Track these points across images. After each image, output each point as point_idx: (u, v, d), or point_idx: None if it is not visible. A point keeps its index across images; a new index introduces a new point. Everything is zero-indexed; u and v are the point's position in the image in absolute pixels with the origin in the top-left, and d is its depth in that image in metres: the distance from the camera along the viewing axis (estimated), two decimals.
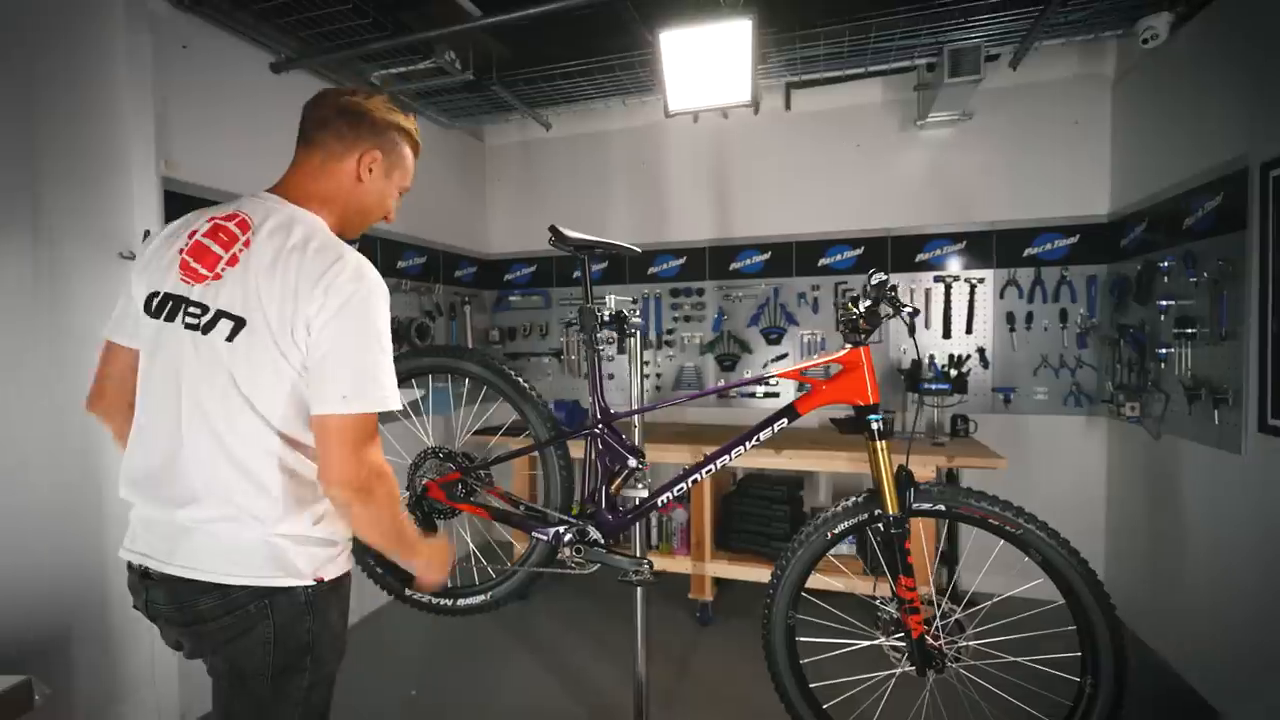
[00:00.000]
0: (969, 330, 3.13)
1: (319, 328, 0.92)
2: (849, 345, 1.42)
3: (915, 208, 3.21)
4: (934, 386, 2.85)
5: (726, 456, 1.46)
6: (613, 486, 1.54)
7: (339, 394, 0.92)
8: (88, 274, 1.97)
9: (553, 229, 1.55)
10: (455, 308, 3.62)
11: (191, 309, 0.96)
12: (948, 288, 3.15)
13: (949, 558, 2.88)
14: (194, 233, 1.00)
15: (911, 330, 1.41)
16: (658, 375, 3.65)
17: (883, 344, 3.24)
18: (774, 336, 3.42)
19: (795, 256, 3.40)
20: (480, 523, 1.67)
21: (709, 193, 3.57)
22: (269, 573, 0.94)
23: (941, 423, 3.02)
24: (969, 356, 3.10)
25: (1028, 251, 3.06)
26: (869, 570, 2.60)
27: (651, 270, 3.67)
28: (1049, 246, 3.03)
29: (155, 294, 0.99)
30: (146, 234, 2.08)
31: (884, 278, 1.35)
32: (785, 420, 1.44)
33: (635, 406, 1.70)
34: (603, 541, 1.52)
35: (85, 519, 1.93)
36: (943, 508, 1.35)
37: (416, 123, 1.21)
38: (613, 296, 1.76)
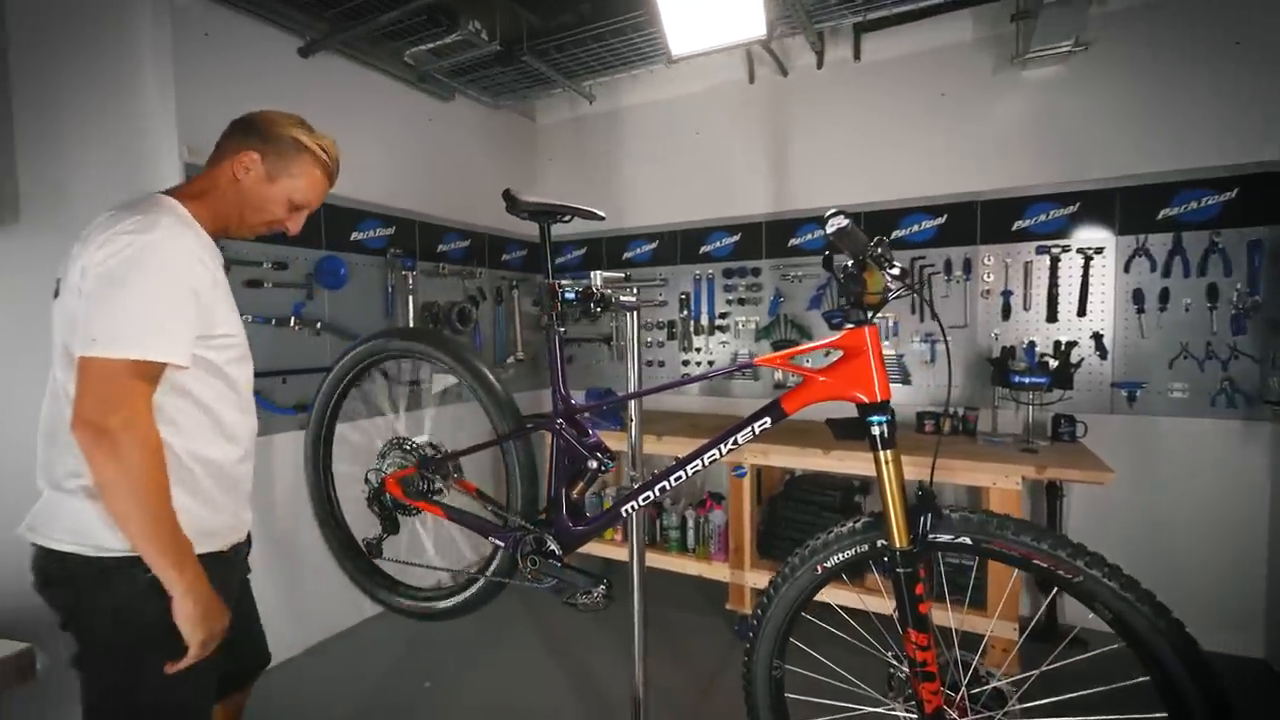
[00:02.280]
0: (1082, 312, 2.56)
1: (91, 277, 0.93)
2: (850, 325, 1.10)
3: (1012, 165, 2.67)
4: (1026, 380, 2.35)
5: (698, 462, 1.20)
6: (574, 490, 1.33)
7: (90, 337, 0.92)
8: None
9: (506, 193, 1.36)
10: (502, 292, 3.55)
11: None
12: (1054, 261, 2.60)
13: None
14: None
15: (931, 311, 1.06)
16: (710, 363, 3.37)
17: (969, 328, 2.75)
18: (837, 320, 2.99)
19: (865, 229, 2.96)
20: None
21: (766, 162, 3.21)
22: None
23: (1042, 424, 2.52)
24: (1079, 344, 2.54)
25: (1164, 213, 2.44)
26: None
27: (704, 249, 3.38)
28: (1193, 205, 2.40)
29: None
30: None
31: (842, 223, 0.98)
32: (768, 420, 1.15)
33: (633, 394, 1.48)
34: (558, 553, 1.32)
35: None
36: (968, 541, 1.01)
37: (334, 148, 1.22)
38: (598, 273, 1.54)
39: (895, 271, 0.98)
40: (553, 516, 1.35)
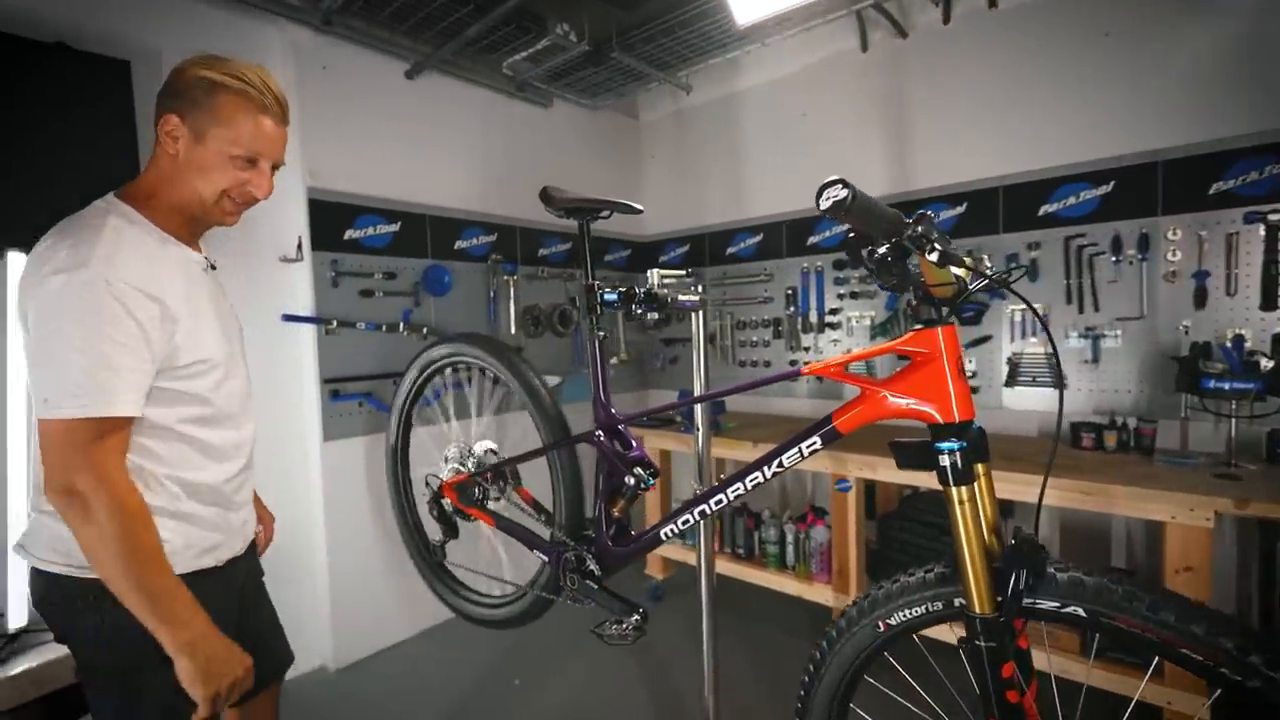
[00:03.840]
0: None
1: (31, 325, 0.85)
2: (920, 325, 0.88)
3: (1208, 113, 2.11)
4: (1226, 385, 1.83)
5: (739, 485, 1.04)
6: (615, 507, 1.23)
7: (41, 397, 0.84)
8: (258, 274, 2.33)
9: (542, 192, 1.29)
10: None
11: None
12: (1273, 230, 2.01)
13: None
14: None
15: (1035, 315, 0.81)
16: None
17: (1148, 319, 2.23)
18: (969, 314, 2.60)
19: (1003, 206, 2.54)
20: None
21: (883, 138, 2.87)
22: None
23: (1252, 442, 1.96)
24: None
25: None
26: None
27: (812, 239, 3.11)
28: None
29: None
30: (300, 241, 2.38)
31: (839, 195, 0.68)
32: (818, 442, 0.96)
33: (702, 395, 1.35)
34: (597, 573, 1.23)
35: (273, 475, 2.30)
36: (1081, 613, 0.75)
37: (257, 72, 1.00)
38: (655, 272, 1.42)
39: (934, 256, 0.74)
40: (595, 534, 1.26)
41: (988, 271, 0.79)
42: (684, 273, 1.47)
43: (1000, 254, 2.53)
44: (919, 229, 0.73)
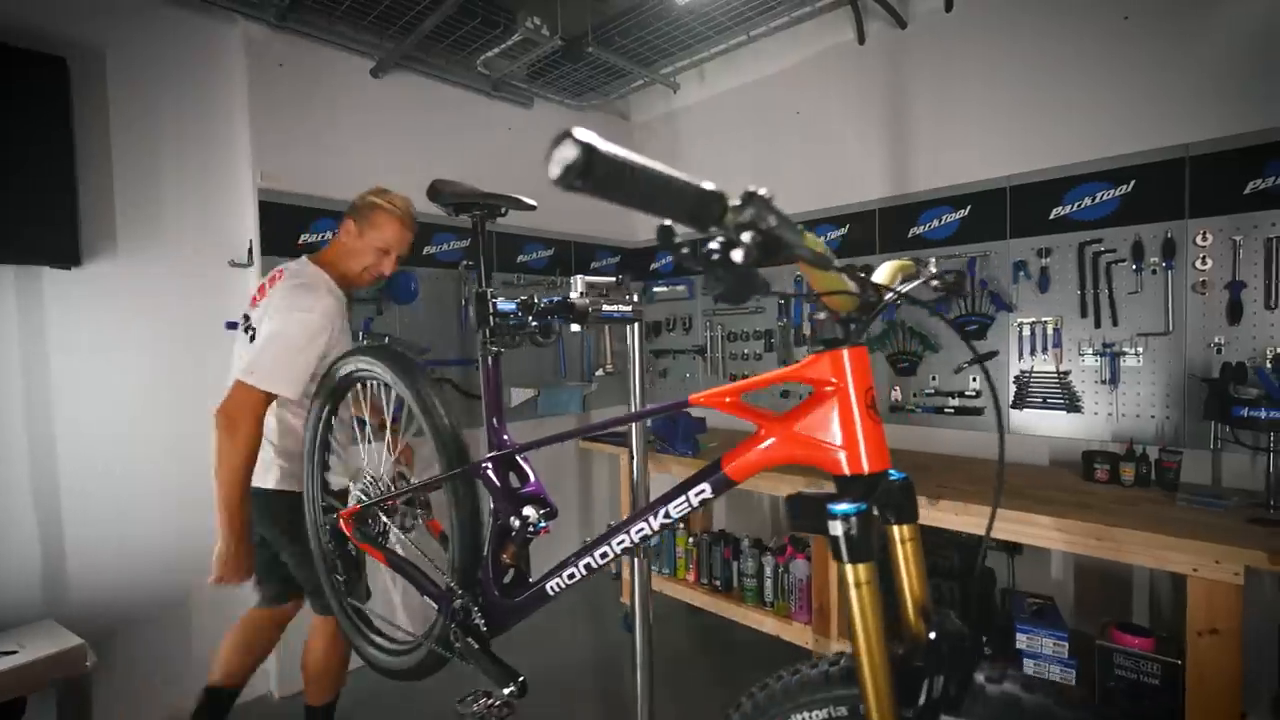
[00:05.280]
0: None
1: (265, 330, 1.51)
2: (820, 345, 0.68)
3: (1241, 103, 1.85)
4: (1262, 414, 1.57)
5: (624, 537, 0.86)
6: (506, 552, 1.06)
7: (248, 369, 1.45)
8: (207, 279, 2.23)
9: (430, 186, 1.13)
10: None
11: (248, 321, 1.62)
12: None
13: None
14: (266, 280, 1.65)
15: (968, 346, 0.62)
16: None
17: (1174, 334, 1.97)
18: (973, 327, 2.36)
19: (1010, 208, 2.29)
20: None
21: (881, 138, 2.65)
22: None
23: None
24: None
25: None
26: None
27: None
28: None
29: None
30: (250, 245, 2.28)
31: (570, 157, 0.45)
32: (707, 489, 0.77)
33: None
34: (483, 629, 1.05)
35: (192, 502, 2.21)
36: None
37: (404, 201, 1.71)
38: (580, 278, 1.25)
39: (738, 255, 0.47)
40: (483, 584, 1.08)
41: (896, 286, 0.59)
42: (613, 279, 1.30)
43: (1006, 262, 2.29)
44: (746, 214, 0.50)
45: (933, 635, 0.61)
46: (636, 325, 1.38)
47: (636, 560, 1.41)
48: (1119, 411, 2.07)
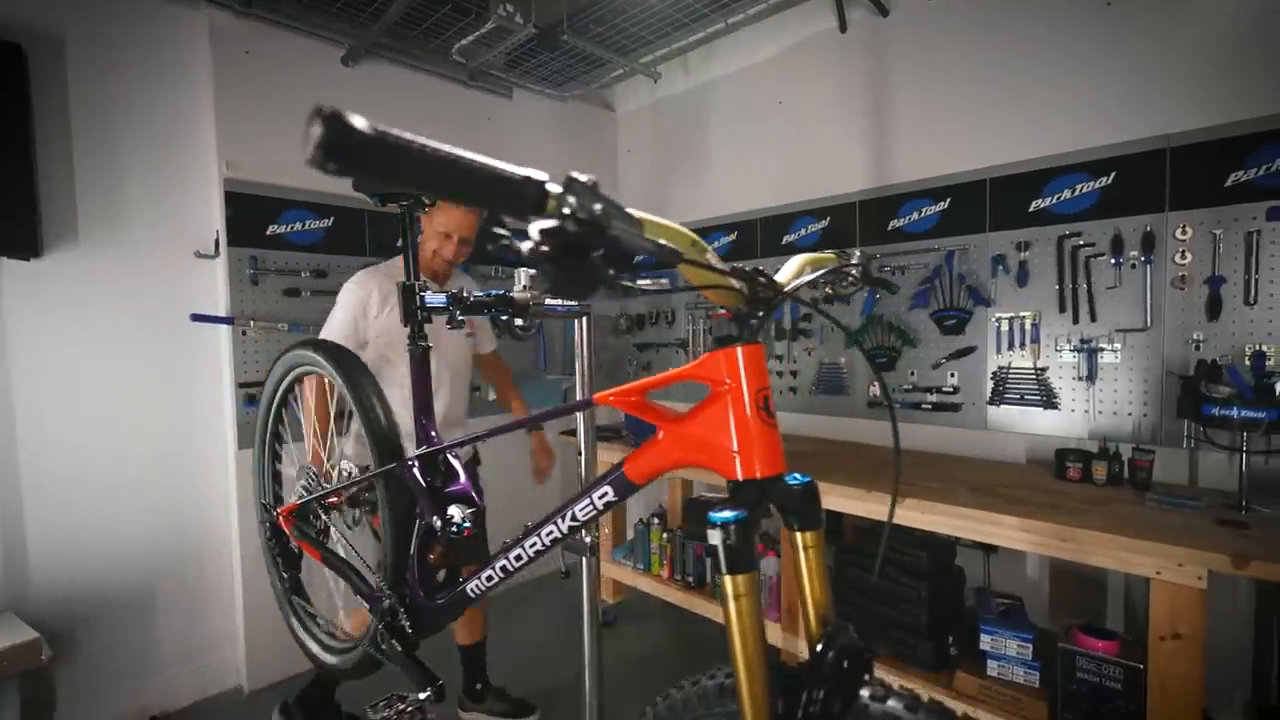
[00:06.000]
0: None
1: None
2: (715, 343, 0.65)
3: (1223, 92, 1.80)
4: (1233, 413, 1.53)
5: (536, 541, 0.83)
6: (433, 552, 1.03)
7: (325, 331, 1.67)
8: (172, 270, 2.20)
9: None
10: None
11: None
12: None
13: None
14: None
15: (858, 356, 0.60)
16: (793, 374, 2.83)
17: (1152, 330, 1.92)
18: (952, 322, 2.32)
19: (990, 200, 2.24)
20: None
21: (863, 128, 2.60)
22: None
23: (1272, 481, 1.65)
24: None
25: None
26: None
27: (788, 238, 2.85)
28: None
29: None
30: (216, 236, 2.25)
31: (316, 133, 0.34)
32: (609, 492, 0.74)
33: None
34: (408, 631, 1.03)
35: (183, 484, 2.20)
36: None
37: None
38: (523, 272, 1.21)
39: (529, 248, 0.40)
40: (410, 586, 1.06)
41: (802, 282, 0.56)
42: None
43: (984, 256, 2.24)
44: (570, 202, 0.44)
45: (819, 648, 0.58)
46: (585, 320, 1.35)
47: (585, 560, 1.38)
48: (1096, 409, 2.03)
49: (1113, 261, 1.98)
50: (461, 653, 2.03)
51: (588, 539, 1.37)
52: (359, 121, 0.35)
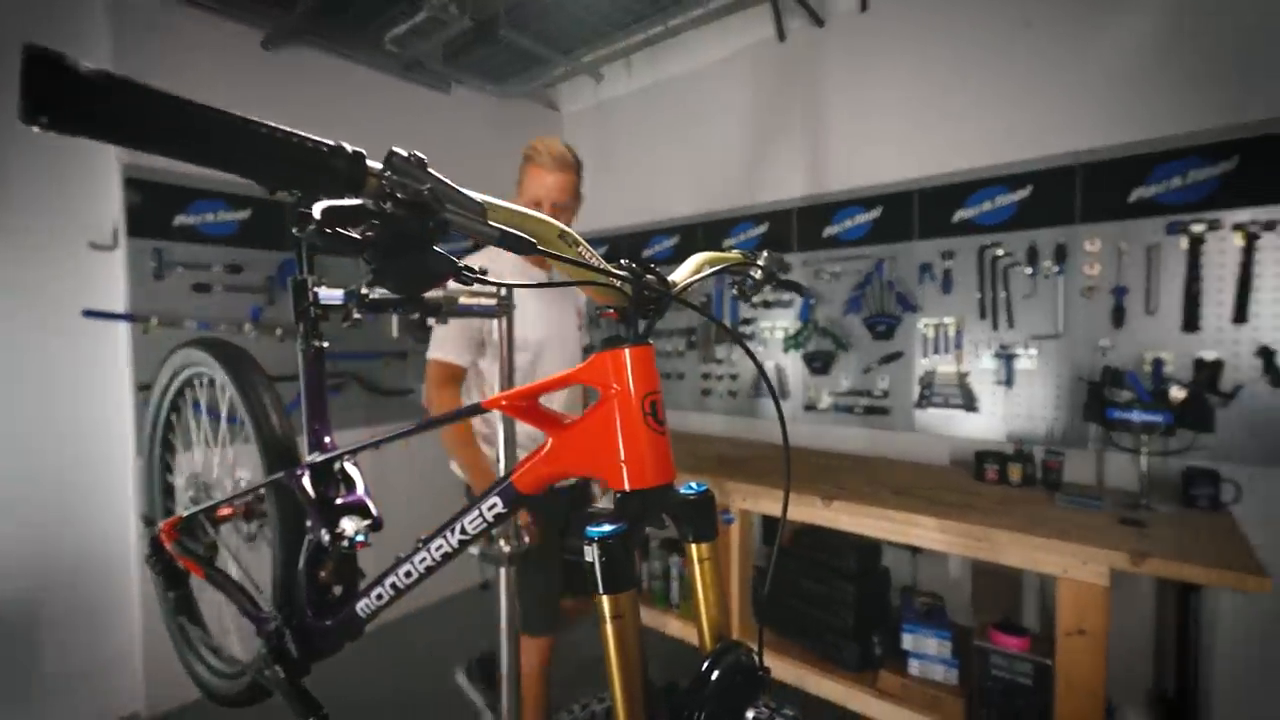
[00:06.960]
0: (1240, 318, 1.73)
1: None
2: (603, 345, 0.62)
3: (1130, 113, 1.90)
4: (1133, 416, 1.60)
5: (425, 555, 0.78)
6: (324, 569, 0.96)
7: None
8: (64, 262, 2.02)
9: None
10: None
11: None
12: (1195, 243, 1.80)
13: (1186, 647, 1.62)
14: None
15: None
16: (733, 378, 2.85)
17: (1064, 337, 2.00)
18: (882, 328, 2.37)
19: (919, 210, 2.31)
20: None
21: (799, 136, 2.63)
22: None
23: (1170, 481, 1.74)
24: (1233, 365, 1.72)
25: None
26: None
27: (726, 243, 2.87)
28: None
29: None
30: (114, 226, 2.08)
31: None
32: (498, 503, 0.69)
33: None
34: (294, 656, 0.95)
35: (76, 494, 2.01)
36: None
37: (546, 141, 1.58)
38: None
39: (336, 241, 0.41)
40: (295, 606, 0.98)
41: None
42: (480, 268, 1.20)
43: (913, 264, 2.30)
44: (393, 180, 0.38)
45: (703, 667, 0.55)
46: (505, 321, 1.30)
47: (503, 571, 1.33)
48: (1013, 412, 2.11)
49: (1029, 271, 2.06)
50: None
51: (507, 549, 1.32)
52: (83, 65, 0.29)
